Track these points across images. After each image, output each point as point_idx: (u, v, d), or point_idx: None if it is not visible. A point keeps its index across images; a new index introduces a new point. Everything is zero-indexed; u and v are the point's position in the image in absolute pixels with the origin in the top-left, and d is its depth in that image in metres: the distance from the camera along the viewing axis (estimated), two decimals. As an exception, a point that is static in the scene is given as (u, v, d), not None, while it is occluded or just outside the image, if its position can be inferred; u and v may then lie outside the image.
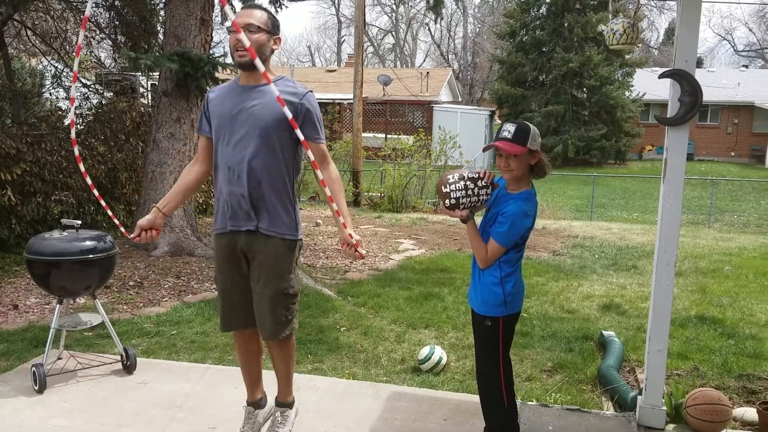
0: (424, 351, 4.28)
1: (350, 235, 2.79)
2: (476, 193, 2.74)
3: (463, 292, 6.18)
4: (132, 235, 2.98)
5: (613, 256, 8.28)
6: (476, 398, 3.79)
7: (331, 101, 26.52)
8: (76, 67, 3.23)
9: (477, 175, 2.76)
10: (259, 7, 2.85)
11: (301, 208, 12.17)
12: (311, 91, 2.89)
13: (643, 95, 28.02)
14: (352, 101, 16.82)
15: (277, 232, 2.86)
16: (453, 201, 2.74)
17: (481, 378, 2.99)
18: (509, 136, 2.72)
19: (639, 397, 3.43)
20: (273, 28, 2.81)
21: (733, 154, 30.37)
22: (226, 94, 2.89)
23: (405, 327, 5.14)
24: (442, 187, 2.75)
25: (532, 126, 2.76)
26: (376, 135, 21.66)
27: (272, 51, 2.83)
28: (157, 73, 7.53)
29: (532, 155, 2.76)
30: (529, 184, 2.82)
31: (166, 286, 6.02)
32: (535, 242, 9.05)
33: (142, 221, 2.95)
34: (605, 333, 4.81)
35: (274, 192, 2.84)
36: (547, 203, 13.97)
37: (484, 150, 2.95)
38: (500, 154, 2.77)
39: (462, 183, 2.74)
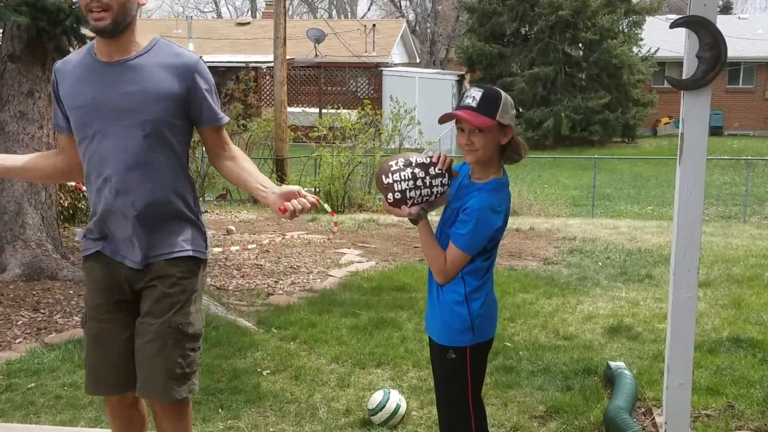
0: (377, 398, 4.29)
1: (281, 192, 2.81)
2: (428, 183, 2.77)
3: (426, 316, 6.23)
4: None
5: (622, 262, 8.47)
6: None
7: (243, 65, 26.33)
8: None
9: (429, 159, 2.78)
10: None
11: (206, 211, 12.08)
12: (201, 58, 2.88)
13: (656, 52, 28.68)
14: (272, 65, 16.75)
15: (176, 250, 2.84)
16: (398, 195, 2.76)
17: (444, 428, 3.03)
18: (473, 104, 2.76)
19: (657, 447, 3.51)
20: None
21: (773, 126, 31.21)
22: (81, 75, 2.80)
23: (350, 366, 5.14)
24: (383, 177, 2.77)
25: (503, 93, 2.81)
26: (307, 110, 21.69)
27: (139, 6, 2.78)
28: (0, 31, 7.36)
29: (503, 132, 2.80)
30: (500, 170, 2.87)
31: (20, 322, 5.89)
32: (520, 248, 9.18)
33: None
34: (613, 364, 4.89)
35: (171, 204, 2.83)
36: (535, 196, 14.21)
37: (441, 121, 2.95)
38: (461, 129, 2.81)
39: (409, 171, 2.76)
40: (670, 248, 8.65)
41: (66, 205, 9.39)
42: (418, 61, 38.28)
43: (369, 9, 52.41)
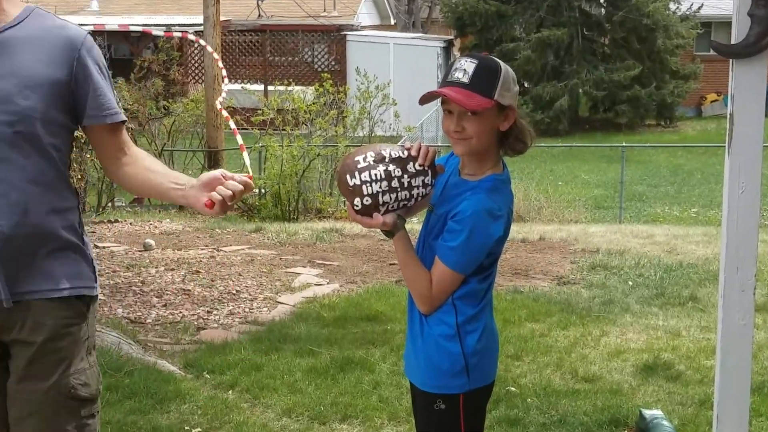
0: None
1: (200, 182, 2.76)
2: (406, 184, 2.75)
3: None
4: None
5: (659, 281, 8.51)
6: None
7: (164, 28, 26.20)
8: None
9: (406, 153, 2.77)
10: None
11: (116, 220, 12.03)
12: (89, 34, 2.80)
13: (699, 9, 28.81)
14: (202, 29, 16.69)
15: (58, 288, 2.76)
16: (367, 200, 2.73)
17: None
18: (464, 80, 2.74)
19: None
20: None
21: None
22: None
23: (307, 421, 5.13)
24: (348, 177, 2.74)
25: (503, 64, 2.80)
26: (248, 87, 21.57)
27: None
28: None
29: (502, 114, 2.79)
30: (499, 163, 2.88)
31: None
32: (527, 263, 9.20)
33: None
34: (647, 413, 4.91)
35: (48, 225, 2.74)
36: (546, 196, 14.27)
37: (423, 101, 2.93)
38: (449, 111, 2.80)
39: (381, 168, 2.73)
40: (719, 262, 8.68)
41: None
42: (392, 22, 38.36)
43: (328, -45, 52.47)
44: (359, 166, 2.73)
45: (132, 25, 22.56)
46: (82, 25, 3.02)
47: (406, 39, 30.00)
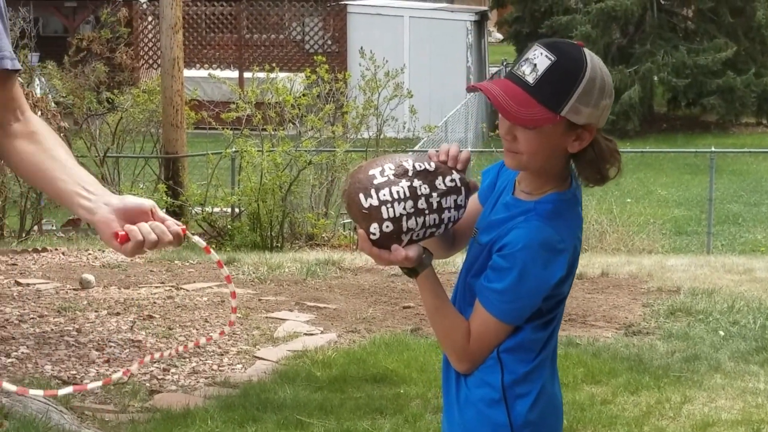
0: None
1: (122, 206, 2.65)
2: (436, 204, 2.67)
3: (423, 427, 6.22)
4: None
5: (759, 332, 8.48)
6: None
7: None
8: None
9: (434, 164, 2.71)
10: None
11: (44, 249, 12.07)
12: None
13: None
14: (157, -3, 16.80)
15: None
16: (388, 226, 2.63)
17: None
18: (530, 79, 2.62)
19: None
20: None
21: None
22: None
23: None
24: (361, 196, 2.63)
25: (591, 68, 2.64)
26: (218, 73, 21.63)
27: None
28: None
29: (574, 133, 2.68)
30: (565, 180, 2.79)
31: None
32: (585, 306, 9.18)
33: None
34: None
35: None
36: (610, 219, 14.27)
37: (470, 89, 2.89)
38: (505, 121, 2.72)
39: (405, 184, 2.64)
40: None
41: None
42: (407, -11, 38.51)
43: None
44: (376, 182, 2.63)
45: None
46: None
47: (426, 10, 30.02)
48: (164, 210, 9.72)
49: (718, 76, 26.83)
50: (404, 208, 2.61)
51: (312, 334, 8.44)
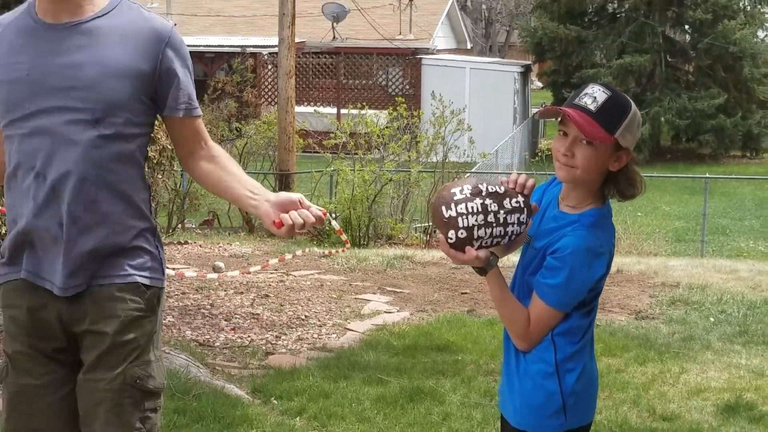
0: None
1: (276, 201, 2.78)
2: (502, 220, 2.68)
3: (476, 386, 6.20)
4: None
5: (742, 318, 8.40)
6: None
7: (238, 50, 26.59)
8: None
9: (504, 189, 2.71)
10: None
11: (186, 242, 12.17)
12: (175, 25, 2.89)
13: (789, 37, 28.49)
14: (276, 50, 16.89)
15: (125, 280, 2.81)
16: (462, 233, 2.66)
17: None
18: (591, 107, 2.67)
19: None
20: None
21: None
22: (17, 39, 2.76)
23: (374, 451, 5.13)
24: (443, 208, 2.68)
25: (633, 106, 2.74)
26: (322, 110, 21.77)
27: None
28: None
29: (616, 155, 2.72)
30: (601, 198, 2.81)
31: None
32: (604, 296, 9.07)
33: None
34: (729, 455, 4.85)
35: (120, 212, 2.79)
36: (624, 228, 14.15)
37: (541, 115, 2.93)
38: (564, 133, 2.75)
39: (478, 202, 2.66)
40: (806, 299, 8.50)
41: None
42: (469, 46, 38.43)
43: (405, -22, 52.79)
44: (455, 198, 2.68)
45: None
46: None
47: (482, 63, 30.03)
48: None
49: (712, 118, 26.61)
50: (476, 221, 2.65)
51: (390, 312, 8.44)
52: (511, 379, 2.90)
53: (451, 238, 2.67)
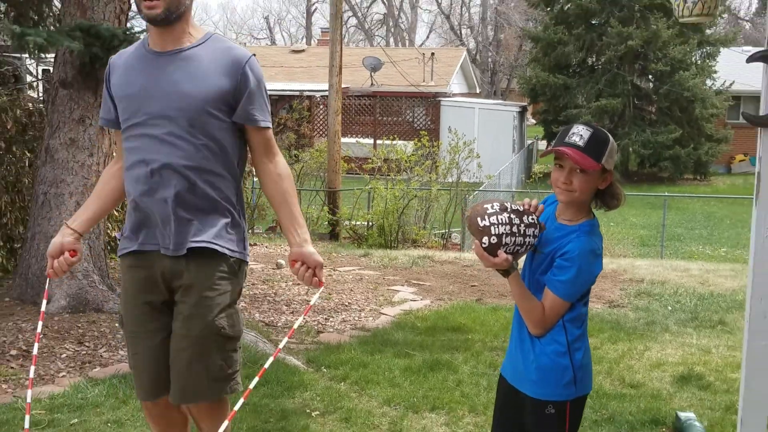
0: (429, 443, 4.28)
1: (306, 252, 2.92)
2: (522, 231, 2.74)
3: (483, 359, 6.21)
4: (47, 271, 3.01)
5: (693, 307, 8.35)
6: None
7: (297, 93, 26.74)
8: None
9: (523, 208, 2.79)
10: None
11: (254, 244, 12.22)
12: (254, 55, 2.95)
13: (731, 85, 28.39)
14: (326, 94, 16.98)
15: (215, 247, 2.88)
16: (494, 239, 2.71)
17: None
18: (580, 144, 2.74)
19: (730, 506, 3.44)
20: None
21: None
22: (134, 64, 2.91)
23: (403, 410, 5.14)
24: (479, 219, 2.73)
25: (610, 137, 2.81)
26: (361, 140, 21.84)
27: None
28: (52, 56, 7.59)
29: (603, 176, 2.81)
30: (591, 212, 2.88)
31: (64, 355, 6.00)
32: (583, 290, 9.10)
33: (50, 248, 2.96)
34: (682, 415, 4.83)
35: (212, 197, 2.89)
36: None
37: (543, 155, 2.98)
38: (560, 165, 2.80)
39: (506, 215, 2.74)
40: (744, 293, 8.46)
41: (113, 235, 9.58)
42: (478, 91, 38.41)
43: (428, 37, 52.86)
44: (488, 212, 2.74)
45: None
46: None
47: (488, 104, 29.98)
48: (326, 223, 9.74)
49: (670, 149, 26.47)
50: (504, 230, 2.72)
51: (415, 300, 8.43)
52: (527, 357, 2.89)
53: (485, 243, 2.71)
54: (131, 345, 3.01)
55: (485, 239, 2.71)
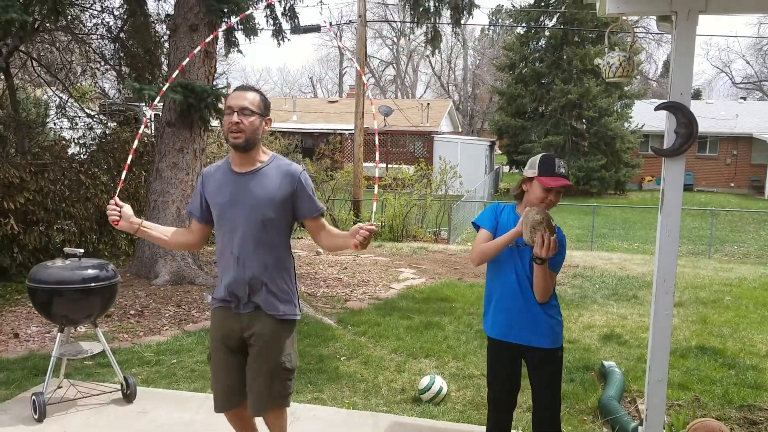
0: (425, 381, 4.27)
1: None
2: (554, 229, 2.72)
3: (463, 321, 6.18)
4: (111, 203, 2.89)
5: (614, 286, 8.28)
6: (477, 429, 3.77)
7: (332, 131, 26.71)
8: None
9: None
10: (252, 88, 2.85)
11: (300, 237, 12.21)
12: (305, 170, 2.92)
13: (642, 126, 28.24)
14: (353, 132, 16.98)
15: (280, 312, 2.84)
16: (550, 234, 2.64)
17: (554, 419, 2.90)
18: (565, 173, 2.80)
19: (640, 428, 3.42)
20: (265, 110, 2.82)
21: (732, 185, 30.50)
22: (222, 180, 2.88)
23: (405, 356, 5.12)
24: (551, 219, 2.68)
25: None
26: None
27: (264, 132, 2.85)
28: (161, 104, 7.63)
29: None
30: None
31: (167, 314, 6.02)
32: (535, 272, 9.05)
33: (124, 209, 2.88)
34: (606, 363, 4.79)
35: (278, 274, 2.84)
36: (547, 233, 14.00)
37: (551, 186, 2.78)
38: (553, 190, 2.77)
39: (548, 217, 2.69)
40: (652, 276, 8.42)
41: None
42: (460, 130, 38.24)
43: (425, 91, 52.75)
44: (546, 215, 2.67)
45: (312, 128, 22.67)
46: (287, 130, 3.10)
47: (467, 140, 29.77)
48: (352, 223, 9.63)
49: (598, 172, 26.35)
50: (551, 227, 2.67)
51: (414, 279, 8.39)
52: (537, 320, 2.82)
53: (552, 234, 2.64)
54: (221, 377, 2.94)
55: (551, 233, 2.63)
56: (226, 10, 7.18)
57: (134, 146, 3.06)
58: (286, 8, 9.36)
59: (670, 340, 3.27)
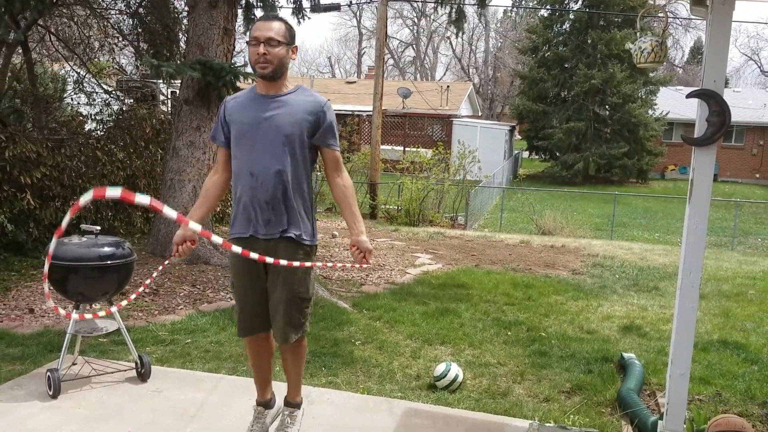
0: (440, 368, 4.26)
1: (361, 240, 2.93)
2: None
3: (480, 308, 6.16)
4: (172, 253, 3.09)
5: (634, 276, 8.20)
6: (493, 418, 3.77)
7: (350, 113, 26.59)
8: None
9: None
10: (277, 17, 2.94)
11: (317, 219, 12.20)
12: (329, 101, 3.02)
13: (667, 114, 27.92)
14: (371, 113, 16.90)
15: (297, 237, 2.94)
16: None
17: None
18: None
19: (660, 422, 3.39)
20: (291, 39, 2.91)
21: (758, 176, 30.11)
22: (245, 102, 2.97)
23: (421, 342, 5.12)
24: None
25: None
26: (395, 147, 21.75)
27: (291, 61, 2.95)
28: (179, 81, 7.62)
29: None
30: None
31: (182, 294, 6.05)
32: (554, 260, 9.00)
33: (175, 238, 3.05)
34: (625, 355, 4.76)
35: (296, 198, 2.93)
36: (566, 221, 13.91)
37: None
38: None
39: None
40: (673, 267, 8.32)
41: (217, 210, 9.64)
42: (479, 114, 37.99)
43: (444, 74, 52.37)
44: None
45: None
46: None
47: (487, 124, 29.61)
48: (368, 206, 9.61)
49: (620, 160, 26.15)
50: None
51: (431, 264, 8.38)
52: None
53: None
54: (242, 303, 3.07)
55: None
56: (246, -14, 7.14)
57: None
58: (307, -14, 9.29)
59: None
